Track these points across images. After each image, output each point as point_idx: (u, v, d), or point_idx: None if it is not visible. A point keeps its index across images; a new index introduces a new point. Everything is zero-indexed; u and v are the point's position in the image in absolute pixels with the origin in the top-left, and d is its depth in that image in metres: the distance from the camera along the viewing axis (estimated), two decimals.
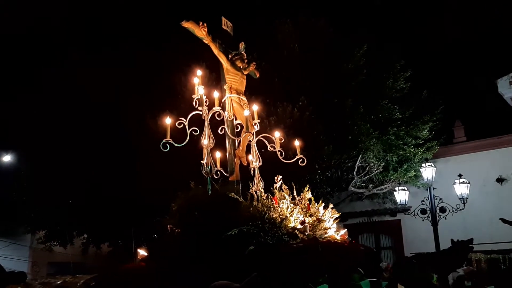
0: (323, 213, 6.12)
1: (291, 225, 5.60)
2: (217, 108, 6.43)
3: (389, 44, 13.94)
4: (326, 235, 5.96)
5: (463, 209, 12.19)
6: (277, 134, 6.80)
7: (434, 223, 12.15)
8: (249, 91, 7.54)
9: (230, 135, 6.75)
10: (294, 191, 6.18)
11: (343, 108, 12.35)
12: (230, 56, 7.14)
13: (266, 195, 5.98)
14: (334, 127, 12.27)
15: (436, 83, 16.71)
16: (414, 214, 12.86)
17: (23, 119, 14.40)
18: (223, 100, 6.80)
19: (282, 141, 6.83)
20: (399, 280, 5.43)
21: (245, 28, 8.30)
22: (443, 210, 12.42)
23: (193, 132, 6.34)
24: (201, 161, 6.37)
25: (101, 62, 13.38)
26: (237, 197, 5.76)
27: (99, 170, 13.38)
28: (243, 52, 7.24)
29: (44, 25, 15.58)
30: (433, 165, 12.43)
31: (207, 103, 6.52)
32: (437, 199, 12.36)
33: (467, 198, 12.31)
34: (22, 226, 16.20)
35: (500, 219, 8.34)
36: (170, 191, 10.37)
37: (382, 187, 14.00)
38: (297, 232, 5.56)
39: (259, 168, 6.56)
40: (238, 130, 6.90)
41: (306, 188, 6.30)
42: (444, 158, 15.27)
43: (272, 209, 5.60)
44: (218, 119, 6.56)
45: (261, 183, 6.28)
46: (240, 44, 7.31)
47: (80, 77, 13.36)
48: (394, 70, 13.59)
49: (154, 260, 5.80)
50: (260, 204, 5.70)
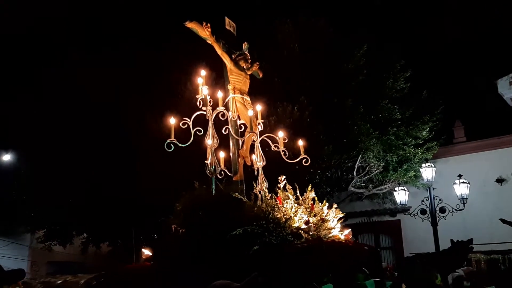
0: (327, 213, 6.14)
1: (295, 225, 5.63)
2: (221, 108, 6.43)
3: (389, 44, 13.94)
4: (330, 235, 5.98)
5: (463, 210, 12.18)
6: (281, 134, 6.82)
7: (434, 224, 12.14)
8: (249, 91, 7.53)
9: (234, 135, 6.76)
10: (298, 191, 6.19)
11: (343, 108, 12.35)
12: (234, 56, 7.15)
13: (270, 195, 6.00)
14: (334, 127, 12.28)
15: (436, 83, 16.71)
16: (414, 214, 12.85)
17: (23, 119, 14.39)
18: (227, 100, 6.81)
19: (286, 141, 6.84)
20: (404, 280, 5.44)
21: (245, 28, 8.29)
22: (443, 211, 12.41)
23: (197, 132, 6.34)
24: (205, 161, 6.36)
25: (101, 62, 13.37)
26: (241, 197, 5.78)
27: (99, 170, 13.38)
28: (247, 52, 7.24)
29: (44, 25, 15.56)
30: (433, 166, 12.42)
31: (211, 103, 6.51)
32: (437, 200, 12.34)
33: (467, 199, 12.30)
34: (22, 226, 16.19)
35: (500, 220, 8.34)
36: (171, 191, 10.38)
37: (382, 187, 14.00)
38: (302, 232, 5.58)
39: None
40: (242, 130, 6.92)
41: (310, 188, 6.30)
42: (444, 159, 15.28)
43: (276, 209, 5.62)
44: (222, 119, 6.56)
45: (265, 183, 6.30)
46: (244, 44, 7.32)
47: (80, 77, 13.35)
48: (394, 70, 13.59)
49: (159, 260, 5.82)
50: (264, 204, 5.72)
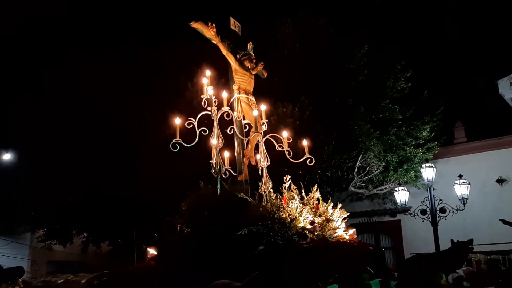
0: (332, 213, 6.15)
1: (301, 225, 5.64)
2: (226, 108, 6.45)
3: (389, 44, 13.94)
4: (335, 235, 6.00)
5: (463, 210, 12.17)
6: (285, 134, 6.83)
7: (434, 224, 12.13)
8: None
9: (239, 135, 6.77)
10: (303, 191, 6.20)
11: (344, 108, 12.34)
12: (239, 56, 7.16)
13: (275, 195, 6.01)
14: (335, 127, 12.26)
15: (437, 84, 16.68)
16: (414, 215, 12.84)
17: (23, 119, 14.40)
18: (232, 100, 6.82)
19: (290, 141, 6.85)
20: (404, 281, 5.43)
21: (245, 28, 8.29)
22: (443, 211, 12.40)
23: (203, 132, 6.36)
24: (210, 161, 6.38)
25: (101, 62, 13.37)
26: (247, 197, 5.80)
27: (99, 170, 13.39)
28: (251, 52, 7.25)
29: (44, 25, 15.56)
30: (433, 166, 12.41)
31: (216, 103, 6.53)
32: (437, 200, 12.33)
33: (467, 199, 12.29)
34: (22, 225, 16.20)
35: (500, 220, 8.31)
36: (171, 191, 10.40)
37: (382, 188, 13.98)
38: (307, 232, 5.60)
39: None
40: (246, 130, 6.93)
41: (315, 188, 6.33)
42: (445, 159, 15.27)
43: (282, 209, 5.63)
44: (226, 119, 6.59)
45: (270, 183, 6.32)
46: (249, 44, 7.33)
47: (80, 77, 13.35)
48: (395, 70, 13.59)
49: (165, 259, 5.82)
50: (269, 204, 5.73)
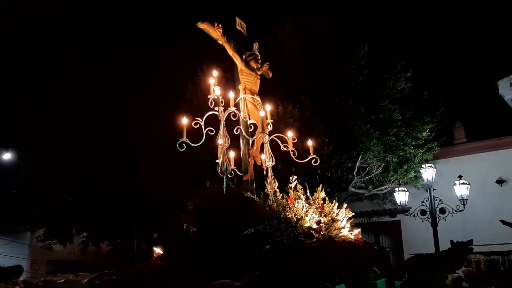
0: (337, 213, 6.16)
1: (307, 225, 5.66)
2: (233, 109, 6.46)
3: (389, 44, 13.93)
4: (341, 235, 6.02)
5: (463, 210, 12.16)
6: (290, 134, 6.85)
7: (434, 224, 12.12)
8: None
9: (246, 135, 6.78)
10: (308, 191, 6.21)
11: (344, 108, 12.34)
12: (244, 57, 7.16)
13: (282, 195, 6.04)
14: (334, 127, 12.25)
15: (437, 84, 16.67)
16: (414, 215, 12.82)
17: (23, 118, 14.41)
18: (238, 100, 6.82)
19: (295, 141, 6.86)
20: (404, 281, 5.44)
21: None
22: (443, 211, 12.38)
23: (209, 132, 6.38)
24: (216, 161, 6.40)
25: (101, 62, 13.38)
26: (253, 197, 5.82)
27: (99, 169, 13.39)
28: (257, 53, 7.25)
29: (44, 25, 15.56)
30: (433, 166, 12.39)
31: (223, 103, 6.53)
32: (437, 200, 12.32)
33: (467, 199, 12.28)
34: (22, 224, 16.23)
35: (500, 221, 8.32)
36: (171, 191, 10.40)
37: (382, 188, 13.98)
38: (313, 232, 5.62)
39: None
40: (251, 130, 6.94)
41: (320, 188, 6.34)
42: (444, 159, 15.26)
43: (288, 209, 5.65)
44: (233, 119, 6.60)
45: (276, 183, 6.33)
46: (254, 45, 7.34)
47: (80, 77, 13.36)
48: (395, 71, 13.57)
49: (170, 259, 5.82)
50: (275, 204, 5.75)
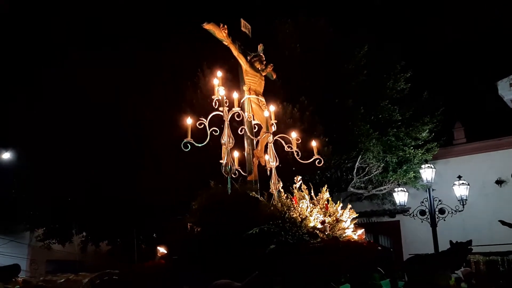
0: (341, 213, 6.18)
1: (311, 225, 5.68)
2: (237, 109, 6.48)
3: (389, 44, 13.93)
4: (345, 235, 6.04)
5: (462, 211, 12.15)
6: (294, 135, 6.87)
7: (433, 225, 12.12)
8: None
9: (250, 135, 6.80)
10: (312, 191, 6.22)
11: (343, 109, 12.34)
12: (249, 58, 7.19)
13: (286, 195, 6.05)
14: (334, 128, 12.25)
15: (436, 85, 16.68)
16: (413, 215, 12.81)
17: (23, 118, 14.42)
18: (242, 101, 6.85)
19: (299, 142, 6.88)
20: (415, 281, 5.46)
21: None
22: (442, 212, 12.38)
23: (214, 133, 6.39)
24: (220, 161, 6.42)
25: (101, 62, 13.38)
26: (258, 197, 5.83)
27: (99, 169, 13.40)
28: (262, 54, 7.27)
29: (44, 25, 15.56)
30: (433, 167, 12.39)
31: (227, 104, 6.54)
32: (436, 201, 12.31)
33: (466, 200, 12.26)
34: (21, 224, 16.22)
35: (499, 221, 8.35)
36: (171, 191, 10.40)
37: (382, 188, 13.98)
38: (317, 232, 5.64)
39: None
40: (256, 131, 6.96)
41: (324, 189, 6.36)
42: (444, 160, 15.27)
43: (292, 209, 5.68)
44: (237, 119, 6.62)
45: (280, 183, 6.36)
46: (259, 46, 7.36)
47: (80, 77, 13.37)
48: (395, 71, 13.58)
49: (174, 258, 5.83)
50: (280, 204, 5.77)
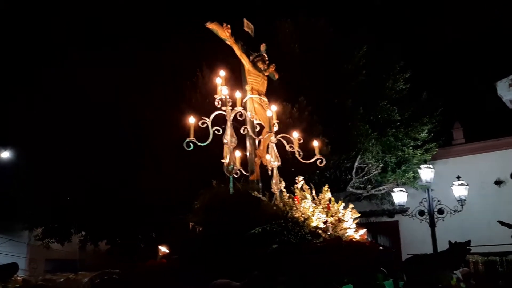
0: (343, 213, 6.19)
1: (313, 225, 5.70)
2: (240, 108, 6.48)
3: (389, 44, 13.93)
4: (347, 235, 6.09)
5: (461, 211, 12.16)
6: (296, 135, 6.89)
7: (432, 225, 12.15)
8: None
9: (252, 135, 6.81)
10: (313, 191, 6.22)
11: (343, 109, 12.34)
12: (252, 58, 7.19)
13: (289, 195, 6.07)
14: (333, 128, 12.26)
15: (436, 85, 16.69)
16: (412, 216, 12.84)
17: (23, 118, 14.41)
18: (245, 101, 6.85)
19: (301, 141, 6.89)
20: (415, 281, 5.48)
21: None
22: (441, 212, 12.40)
23: (216, 132, 6.38)
24: (222, 160, 6.42)
25: (101, 62, 13.38)
26: (260, 196, 5.85)
27: (99, 169, 13.39)
28: (264, 54, 7.28)
29: (44, 25, 15.56)
30: (432, 167, 12.41)
31: (230, 103, 6.54)
32: (435, 201, 12.33)
33: (465, 200, 12.28)
34: (20, 223, 16.21)
35: (498, 221, 8.38)
36: (171, 191, 10.40)
37: (380, 188, 14.00)
38: (320, 232, 5.66)
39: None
40: (258, 130, 6.96)
41: (326, 188, 6.37)
42: (443, 160, 15.26)
43: (295, 209, 5.70)
44: (240, 119, 6.62)
45: (283, 183, 6.36)
46: (262, 46, 7.37)
47: (80, 77, 13.37)
48: (394, 71, 13.58)
49: (177, 258, 5.83)
50: (282, 204, 5.79)
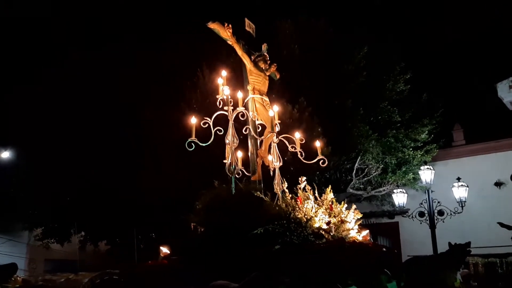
0: (346, 214, 6.18)
1: (316, 225, 5.68)
2: (241, 108, 6.47)
3: (389, 45, 13.93)
4: (349, 236, 6.08)
5: (461, 213, 12.15)
6: (298, 135, 6.88)
7: (432, 226, 12.12)
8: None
9: (254, 135, 6.80)
10: (316, 192, 6.21)
11: (343, 109, 12.33)
12: (253, 57, 7.18)
13: (291, 196, 6.05)
14: (333, 129, 12.24)
15: (436, 86, 16.68)
16: (412, 217, 12.81)
17: (23, 117, 14.42)
18: (246, 101, 6.83)
19: (303, 142, 6.88)
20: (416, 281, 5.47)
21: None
22: (441, 213, 12.38)
23: (218, 132, 6.37)
24: (224, 161, 6.41)
25: (101, 62, 13.39)
26: (262, 197, 5.82)
27: (98, 169, 13.39)
28: (266, 54, 7.27)
29: (44, 25, 15.57)
30: (432, 168, 12.39)
31: (231, 103, 6.52)
32: (435, 202, 12.30)
33: (465, 202, 12.26)
34: (20, 223, 16.21)
35: (498, 223, 8.37)
36: (171, 191, 10.38)
37: (381, 189, 13.97)
38: (323, 232, 5.64)
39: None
40: (259, 130, 6.95)
41: (328, 189, 6.36)
42: (443, 161, 15.23)
43: (297, 209, 5.68)
44: (242, 119, 6.61)
45: (285, 183, 6.33)
46: (263, 46, 7.35)
47: (80, 77, 13.38)
48: (394, 72, 13.57)
49: (178, 258, 5.82)
50: (284, 204, 5.77)
